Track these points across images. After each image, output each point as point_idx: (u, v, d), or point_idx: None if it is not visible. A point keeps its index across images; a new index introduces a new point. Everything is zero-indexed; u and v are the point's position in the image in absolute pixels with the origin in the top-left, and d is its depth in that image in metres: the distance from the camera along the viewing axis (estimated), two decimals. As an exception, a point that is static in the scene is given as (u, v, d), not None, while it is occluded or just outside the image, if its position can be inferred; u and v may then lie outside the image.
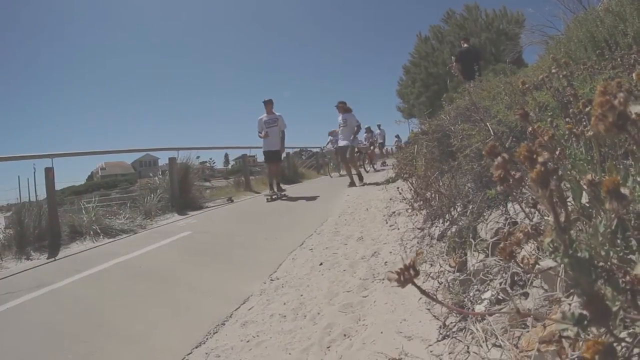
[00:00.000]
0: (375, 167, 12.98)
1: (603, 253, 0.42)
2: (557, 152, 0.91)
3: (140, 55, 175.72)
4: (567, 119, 1.11)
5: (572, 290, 0.88)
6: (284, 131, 6.95)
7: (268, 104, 6.87)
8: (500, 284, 1.41)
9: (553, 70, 1.91)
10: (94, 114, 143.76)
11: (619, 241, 0.46)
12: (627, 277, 0.39)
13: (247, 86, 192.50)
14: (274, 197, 6.59)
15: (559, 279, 0.96)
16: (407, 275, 0.42)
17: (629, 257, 0.45)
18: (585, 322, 0.41)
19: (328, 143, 12.14)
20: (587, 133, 0.84)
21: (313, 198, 6.26)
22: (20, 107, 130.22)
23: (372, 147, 12.95)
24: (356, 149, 9.09)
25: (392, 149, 20.60)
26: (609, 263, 0.41)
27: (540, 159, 0.36)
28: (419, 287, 0.45)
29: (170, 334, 1.86)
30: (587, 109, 1.07)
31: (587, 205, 0.66)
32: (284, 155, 7.71)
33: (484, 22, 23.31)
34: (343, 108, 7.75)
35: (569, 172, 0.82)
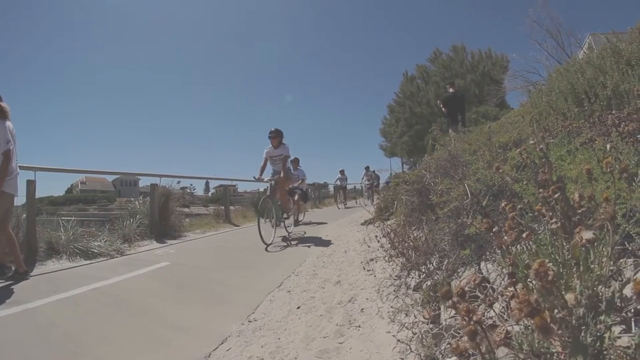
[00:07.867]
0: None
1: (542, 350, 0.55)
2: (525, 235, 1.05)
3: (131, 71, 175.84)
4: (540, 191, 1.25)
5: None
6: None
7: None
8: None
9: (531, 141, 2.12)
10: (78, 126, 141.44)
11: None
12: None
13: (234, 114, 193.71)
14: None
15: None
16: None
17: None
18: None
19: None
20: (553, 225, 0.98)
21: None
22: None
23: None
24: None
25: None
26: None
27: (474, 318, 0.50)
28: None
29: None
30: (557, 195, 1.23)
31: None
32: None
33: (469, 64, 24.45)
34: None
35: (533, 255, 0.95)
